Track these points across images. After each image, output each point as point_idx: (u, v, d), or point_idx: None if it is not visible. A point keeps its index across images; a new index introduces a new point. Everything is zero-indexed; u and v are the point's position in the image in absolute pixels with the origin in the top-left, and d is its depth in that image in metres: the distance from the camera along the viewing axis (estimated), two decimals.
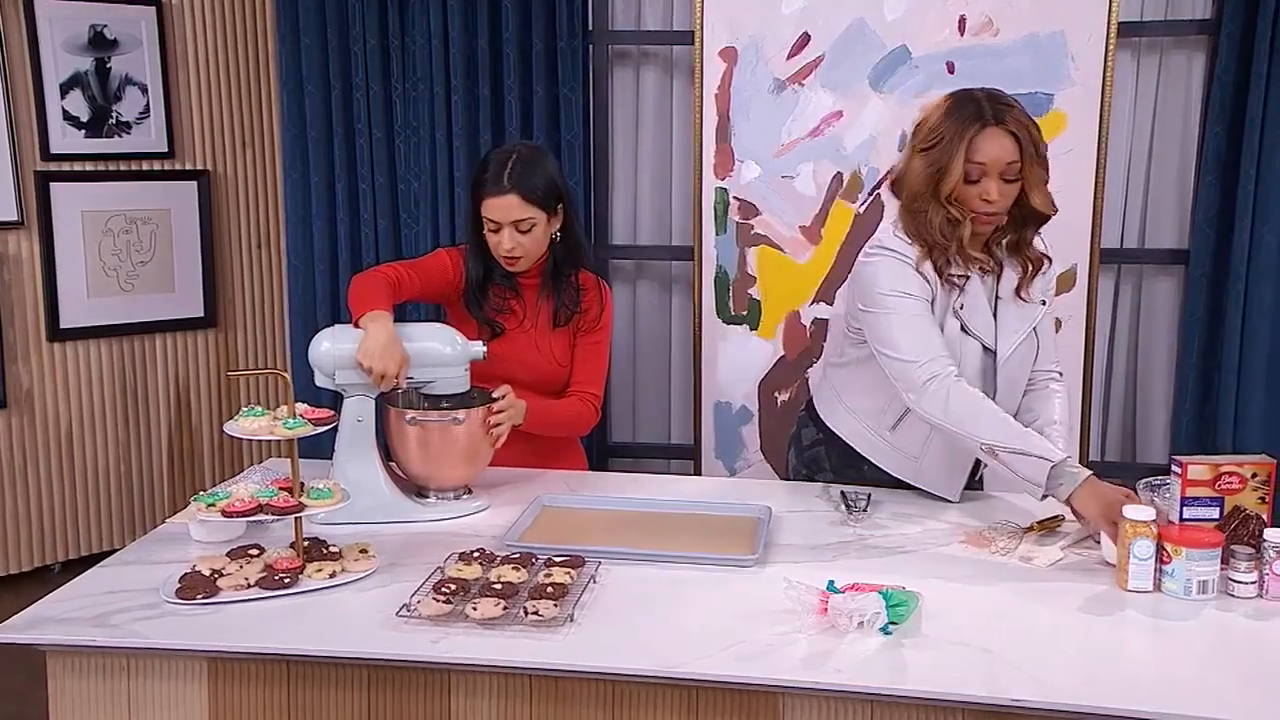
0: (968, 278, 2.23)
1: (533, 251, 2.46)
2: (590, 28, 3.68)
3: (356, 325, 2.18)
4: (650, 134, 3.86)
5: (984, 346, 2.26)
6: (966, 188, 2.16)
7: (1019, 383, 2.33)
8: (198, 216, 4.03)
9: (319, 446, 2.16)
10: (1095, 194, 3.43)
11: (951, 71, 3.41)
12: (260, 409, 1.90)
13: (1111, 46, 3.35)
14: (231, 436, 1.89)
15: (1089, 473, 1.99)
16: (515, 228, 2.40)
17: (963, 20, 3.39)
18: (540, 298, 2.52)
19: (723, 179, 3.56)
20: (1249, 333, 3.44)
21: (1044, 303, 2.35)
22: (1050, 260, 2.34)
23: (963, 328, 2.24)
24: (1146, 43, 3.58)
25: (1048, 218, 2.27)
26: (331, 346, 2.16)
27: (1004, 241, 2.29)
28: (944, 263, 2.20)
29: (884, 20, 3.41)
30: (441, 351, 2.19)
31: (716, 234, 3.58)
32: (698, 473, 3.73)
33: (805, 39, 3.45)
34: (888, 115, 3.45)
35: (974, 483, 2.41)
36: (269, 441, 1.91)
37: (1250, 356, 3.44)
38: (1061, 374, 2.42)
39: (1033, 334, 2.32)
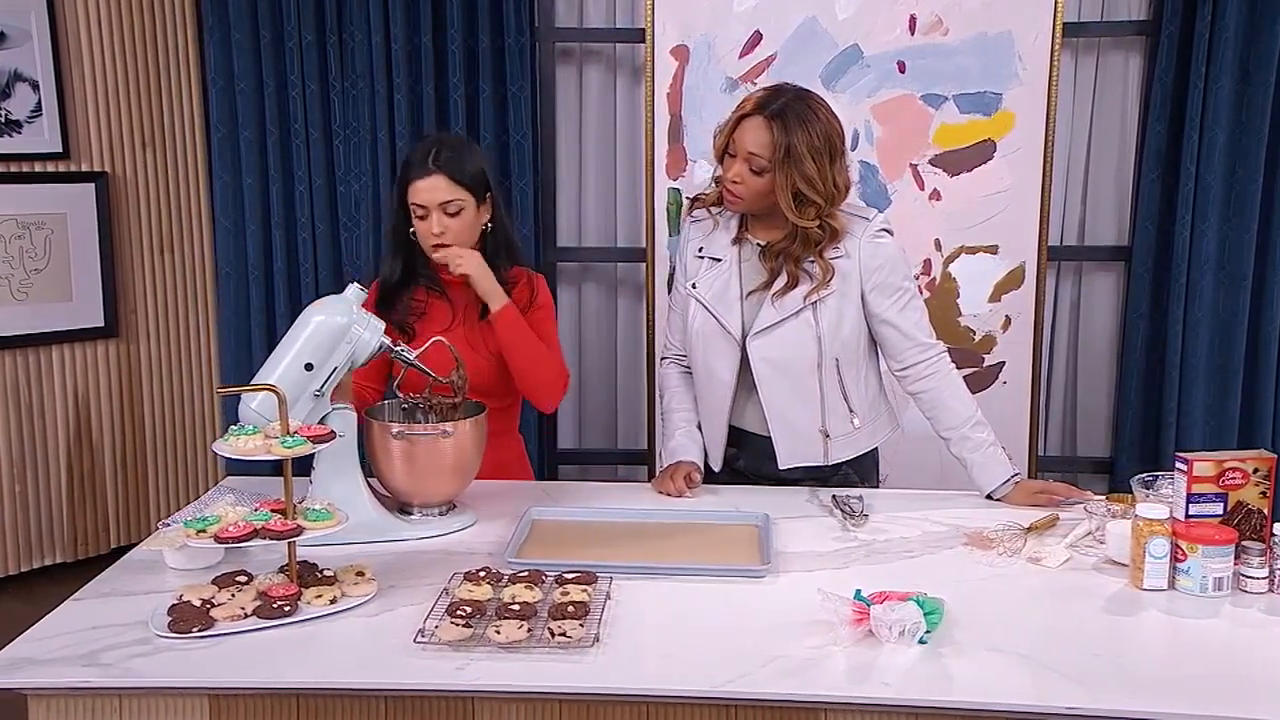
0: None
1: (462, 239, 2.37)
2: (536, 25, 3.59)
3: None
4: (594, 134, 3.79)
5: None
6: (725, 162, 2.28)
7: None
8: (96, 220, 3.79)
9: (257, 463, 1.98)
10: (1043, 192, 3.48)
11: (903, 70, 3.43)
12: (251, 426, 1.78)
13: (1057, 47, 3.39)
14: (223, 456, 1.77)
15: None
16: (443, 210, 2.33)
17: (913, 19, 3.40)
18: (470, 296, 2.43)
19: (675, 179, 3.51)
20: (1191, 327, 3.52)
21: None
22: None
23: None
24: (1084, 43, 3.64)
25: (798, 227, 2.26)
26: None
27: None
28: None
29: (835, 19, 3.41)
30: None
31: (670, 235, 3.53)
32: (651, 478, 3.66)
33: (757, 37, 3.42)
34: (840, 114, 3.42)
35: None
36: (264, 462, 1.77)
37: (1193, 350, 3.52)
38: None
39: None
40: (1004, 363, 3.57)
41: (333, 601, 1.75)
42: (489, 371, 2.41)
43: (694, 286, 2.38)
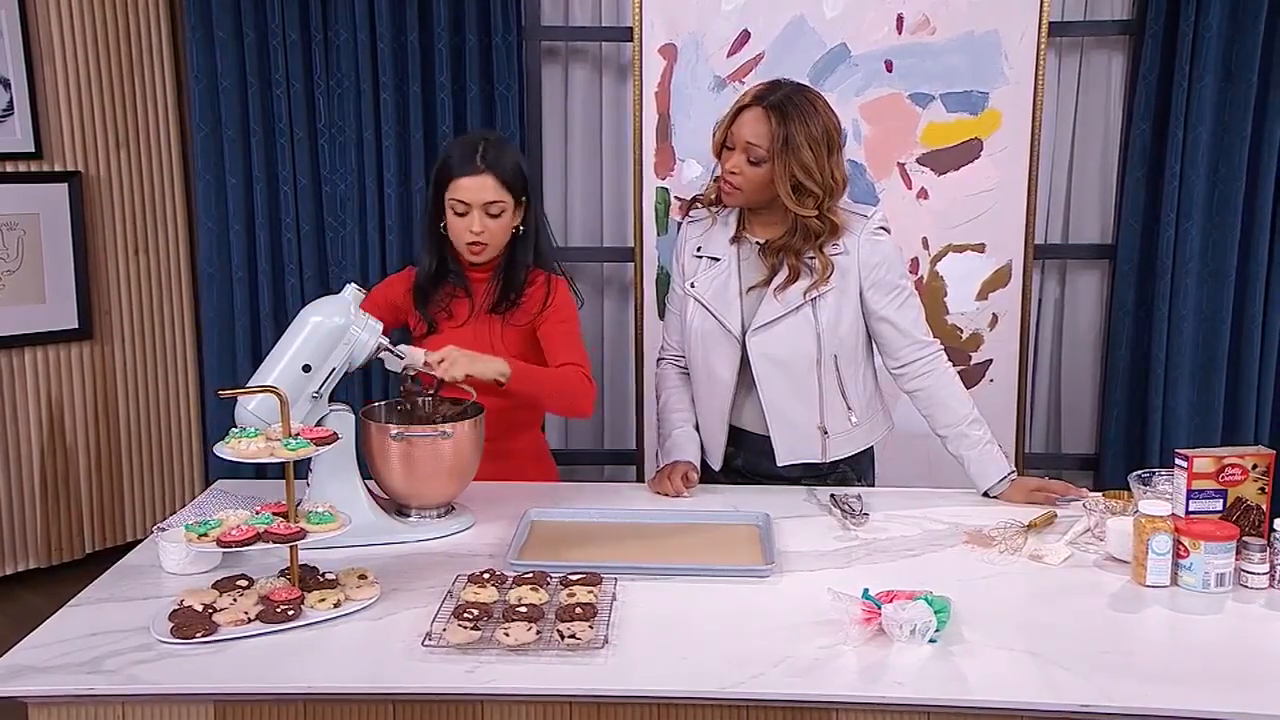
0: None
1: (498, 240, 2.37)
2: (522, 23, 3.57)
3: None
4: (581, 133, 3.78)
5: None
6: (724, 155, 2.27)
7: None
8: (69, 221, 3.75)
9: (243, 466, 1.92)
10: (1029, 191, 3.49)
11: (890, 70, 3.43)
12: (253, 429, 1.76)
13: (1043, 46, 3.41)
14: (224, 459, 1.74)
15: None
16: (485, 211, 2.32)
17: (900, 19, 3.41)
18: (486, 292, 2.43)
19: (663, 178, 3.50)
20: (1175, 324, 3.54)
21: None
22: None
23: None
24: (1068, 42, 3.65)
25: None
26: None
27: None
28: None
29: (823, 18, 3.41)
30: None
31: (658, 234, 3.52)
32: (640, 479, 3.66)
33: (745, 36, 3.42)
34: None
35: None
36: (267, 464, 1.75)
37: (1177, 347, 3.54)
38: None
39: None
40: (991, 360, 3.59)
41: (336, 605, 1.73)
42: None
43: (692, 286, 2.37)
